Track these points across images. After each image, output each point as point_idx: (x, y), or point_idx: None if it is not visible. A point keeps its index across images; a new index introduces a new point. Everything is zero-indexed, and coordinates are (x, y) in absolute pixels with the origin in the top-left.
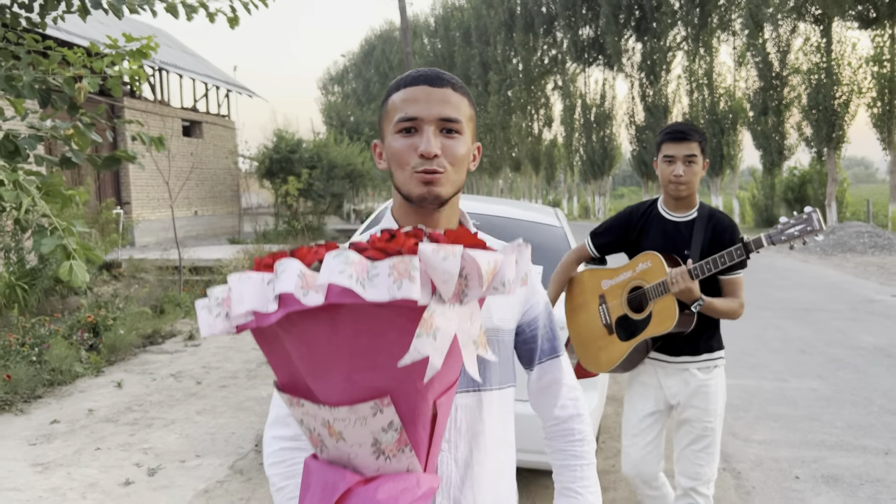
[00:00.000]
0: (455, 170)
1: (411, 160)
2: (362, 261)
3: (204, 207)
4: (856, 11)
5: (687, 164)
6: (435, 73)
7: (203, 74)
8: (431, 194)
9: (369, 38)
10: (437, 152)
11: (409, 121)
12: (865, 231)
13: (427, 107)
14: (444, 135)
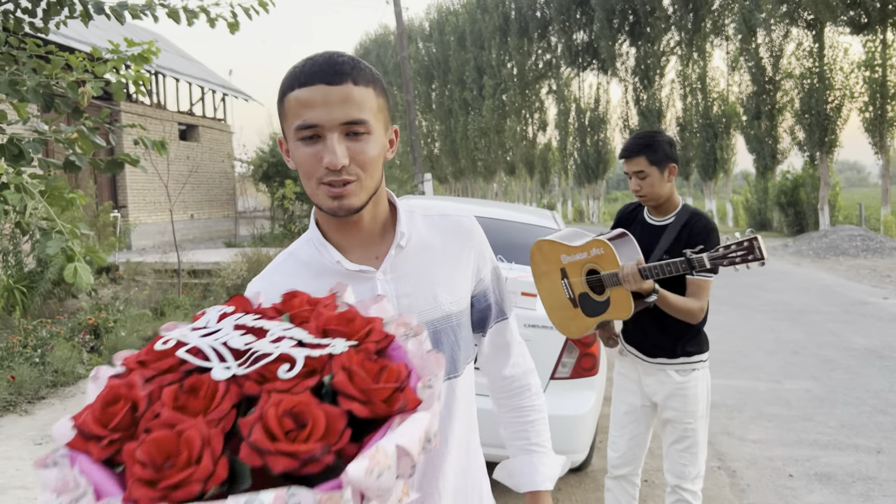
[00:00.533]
0: (368, 174)
1: (317, 171)
2: (277, 498)
3: (200, 211)
4: (847, 17)
5: (640, 179)
6: (331, 65)
7: (199, 78)
8: (343, 208)
9: (364, 42)
10: (343, 163)
11: (308, 128)
12: (858, 234)
13: (326, 111)
14: (350, 139)
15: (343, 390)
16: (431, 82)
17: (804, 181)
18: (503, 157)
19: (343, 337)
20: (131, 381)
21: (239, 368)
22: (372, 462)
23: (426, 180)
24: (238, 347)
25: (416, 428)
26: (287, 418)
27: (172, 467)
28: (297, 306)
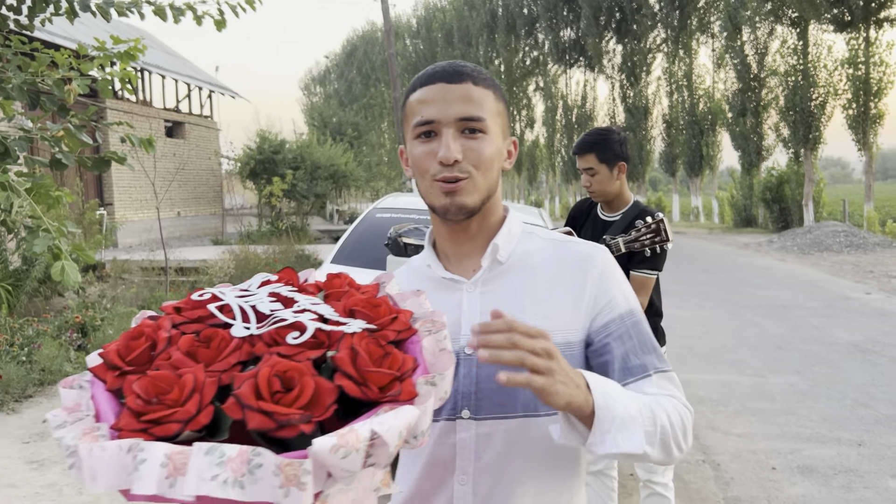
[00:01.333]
0: (482, 173)
1: (431, 167)
2: (241, 453)
3: (187, 208)
4: (831, 15)
5: (590, 175)
6: (453, 67)
7: (185, 75)
8: (454, 205)
9: (351, 38)
10: (457, 157)
11: (425, 124)
12: (841, 230)
13: (444, 107)
14: (465, 136)
15: (341, 367)
16: None
17: (789, 178)
18: None
19: (365, 320)
20: (160, 323)
21: (257, 331)
22: (340, 441)
23: None
24: (264, 312)
25: (399, 420)
26: (276, 379)
27: (159, 404)
28: (335, 286)
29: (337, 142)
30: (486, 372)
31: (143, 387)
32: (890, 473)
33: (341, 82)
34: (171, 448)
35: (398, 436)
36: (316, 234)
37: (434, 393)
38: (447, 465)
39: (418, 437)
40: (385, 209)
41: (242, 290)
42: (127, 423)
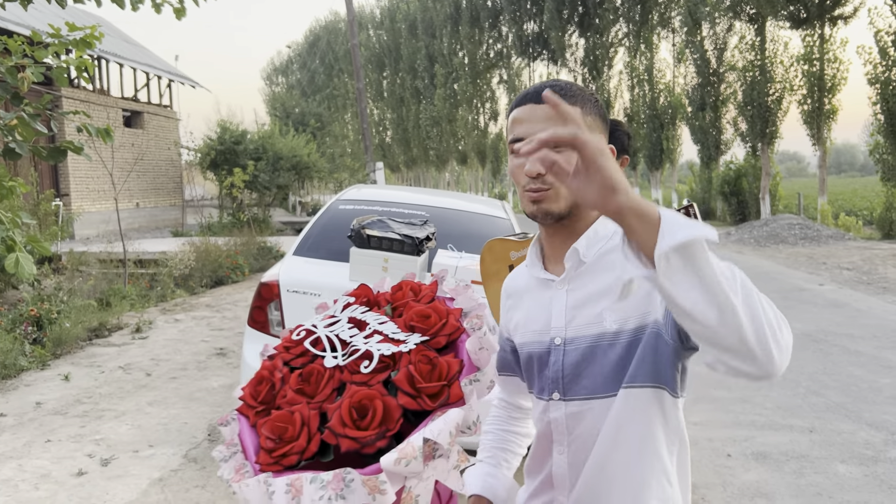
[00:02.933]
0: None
1: (521, 180)
2: (336, 476)
3: (146, 199)
4: (787, 11)
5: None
6: (541, 88)
7: (144, 64)
8: (540, 211)
9: (314, 28)
10: (539, 171)
11: (516, 142)
12: (797, 223)
13: (530, 126)
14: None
15: (400, 387)
16: (383, 70)
17: (746, 171)
18: (455, 147)
19: (420, 332)
20: (275, 363)
21: (342, 360)
22: (401, 454)
23: (378, 169)
24: (345, 339)
25: (447, 423)
26: (354, 409)
27: (281, 441)
28: (399, 298)
29: (299, 132)
30: (570, 360)
31: (269, 428)
32: (839, 459)
33: (304, 72)
34: (291, 477)
35: (448, 435)
36: (278, 226)
37: (476, 388)
38: (548, 437)
39: (471, 427)
40: (348, 201)
41: (330, 318)
42: (263, 459)
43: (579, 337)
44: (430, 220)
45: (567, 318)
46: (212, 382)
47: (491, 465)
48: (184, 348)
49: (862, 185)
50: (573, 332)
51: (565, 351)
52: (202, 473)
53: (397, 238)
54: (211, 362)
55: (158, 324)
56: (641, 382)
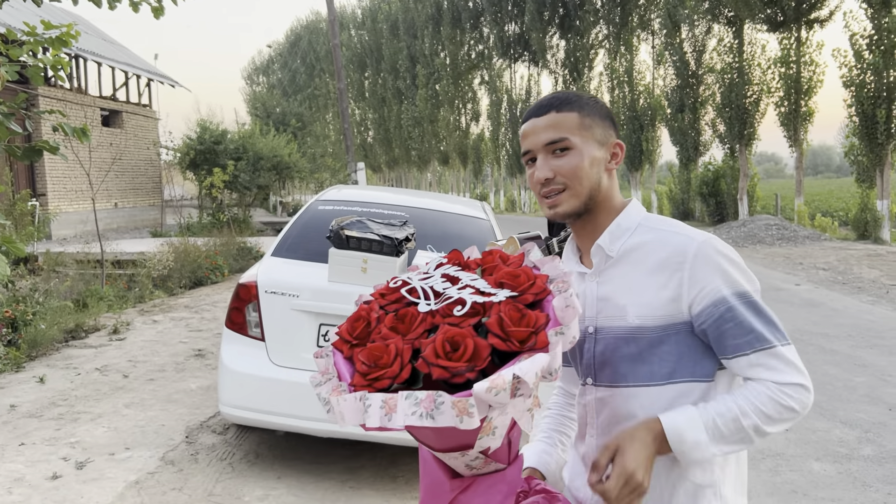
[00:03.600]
0: (575, 182)
1: (536, 187)
2: (428, 396)
3: (125, 199)
4: (765, 15)
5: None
6: (544, 102)
7: (123, 63)
8: (557, 214)
9: (295, 28)
10: (546, 176)
11: (526, 154)
12: (774, 224)
13: (534, 138)
14: (556, 155)
15: (491, 329)
16: (364, 70)
17: (725, 172)
18: (437, 147)
19: (509, 289)
20: (371, 306)
21: (434, 305)
22: (492, 384)
23: (359, 169)
24: (439, 290)
25: (534, 364)
26: (447, 343)
27: (375, 367)
28: (489, 262)
29: (280, 132)
30: (599, 348)
31: (365, 356)
32: (814, 457)
33: (285, 72)
34: (386, 396)
35: (534, 375)
36: (259, 226)
37: (562, 340)
38: (583, 420)
39: (552, 374)
40: (328, 201)
41: (423, 273)
42: (358, 381)
43: (605, 327)
44: (410, 220)
45: (597, 309)
46: (190, 384)
47: (547, 443)
48: (162, 350)
49: (838, 187)
50: (601, 323)
51: (596, 339)
52: (179, 476)
53: (376, 239)
54: (189, 364)
55: (136, 325)
56: (662, 380)
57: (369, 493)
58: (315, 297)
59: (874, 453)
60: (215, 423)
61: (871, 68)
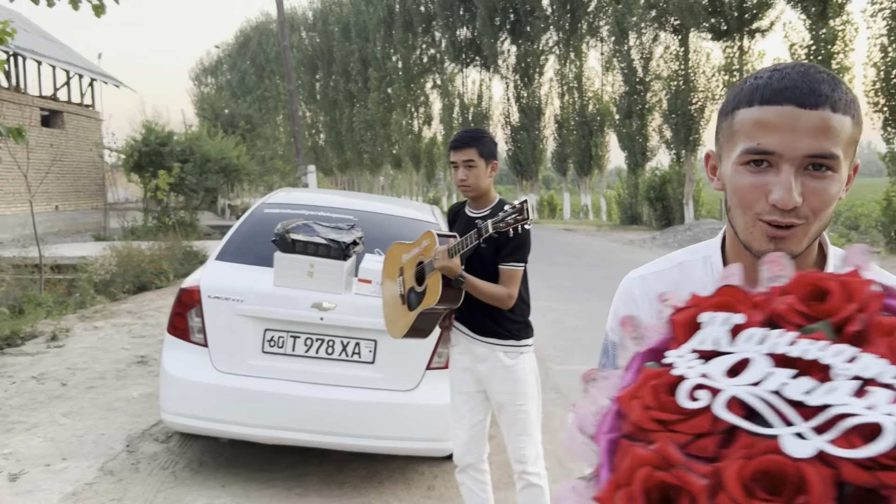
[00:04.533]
0: (819, 219)
1: (757, 205)
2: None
3: (66, 202)
4: (709, 24)
5: (468, 168)
6: (809, 83)
7: (64, 61)
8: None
9: (245, 29)
10: (796, 202)
11: (762, 154)
12: (718, 228)
13: (791, 139)
14: (809, 172)
15: None
16: (315, 72)
17: (671, 177)
18: (389, 151)
19: None
20: (668, 454)
21: (820, 439)
22: None
23: (310, 172)
24: (797, 398)
25: None
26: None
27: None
28: (835, 307)
29: (229, 134)
30: None
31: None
32: None
33: (234, 73)
34: None
35: None
36: (206, 230)
37: None
38: None
39: None
40: (274, 205)
41: (722, 355)
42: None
43: None
44: (358, 224)
45: None
46: (132, 391)
47: None
48: (103, 356)
49: None
50: None
51: None
52: (119, 486)
53: (323, 243)
54: (131, 371)
55: (76, 331)
56: None
57: (316, 499)
58: (260, 302)
59: None
60: (157, 431)
61: None
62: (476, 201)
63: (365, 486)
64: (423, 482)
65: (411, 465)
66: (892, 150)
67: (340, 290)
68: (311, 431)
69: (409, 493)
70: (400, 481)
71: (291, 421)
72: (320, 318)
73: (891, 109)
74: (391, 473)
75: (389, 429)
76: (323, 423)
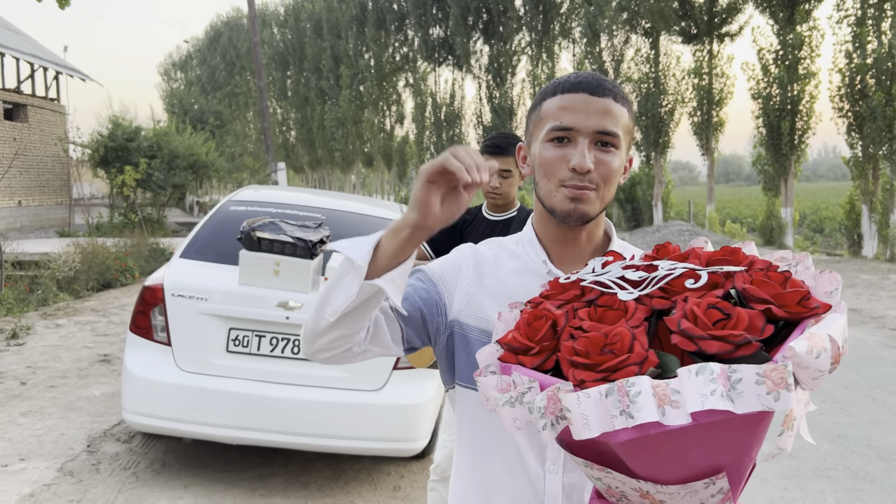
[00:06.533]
0: (606, 186)
1: (560, 172)
2: (722, 370)
3: (29, 197)
4: (679, 27)
5: (503, 178)
6: (597, 79)
7: (28, 54)
8: (577, 212)
9: (215, 24)
10: (590, 167)
11: (563, 130)
12: (686, 229)
13: (585, 117)
14: (598, 148)
15: (755, 295)
16: (287, 69)
17: (640, 179)
18: (361, 149)
19: (732, 266)
20: (545, 306)
21: (641, 292)
22: (811, 342)
23: (279, 169)
24: (633, 279)
25: (837, 325)
26: (713, 310)
27: (609, 354)
28: (671, 252)
29: (198, 130)
30: None
31: (585, 345)
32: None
33: (204, 68)
34: (654, 382)
35: (842, 338)
36: (174, 227)
37: (839, 303)
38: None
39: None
40: (241, 202)
41: (592, 273)
42: (587, 376)
43: None
44: (326, 222)
45: None
46: (93, 390)
47: None
48: (64, 355)
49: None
50: None
51: None
52: (79, 487)
53: (289, 241)
54: (94, 369)
55: (37, 329)
56: None
57: (280, 500)
58: (225, 301)
59: None
60: (119, 431)
61: (776, 82)
62: (499, 207)
63: (330, 487)
64: (390, 482)
65: (377, 466)
66: (856, 155)
67: (307, 290)
68: (276, 432)
69: (374, 493)
70: (366, 481)
71: (256, 421)
72: (286, 318)
73: (855, 115)
74: (357, 474)
75: (355, 429)
76: (288, 424)
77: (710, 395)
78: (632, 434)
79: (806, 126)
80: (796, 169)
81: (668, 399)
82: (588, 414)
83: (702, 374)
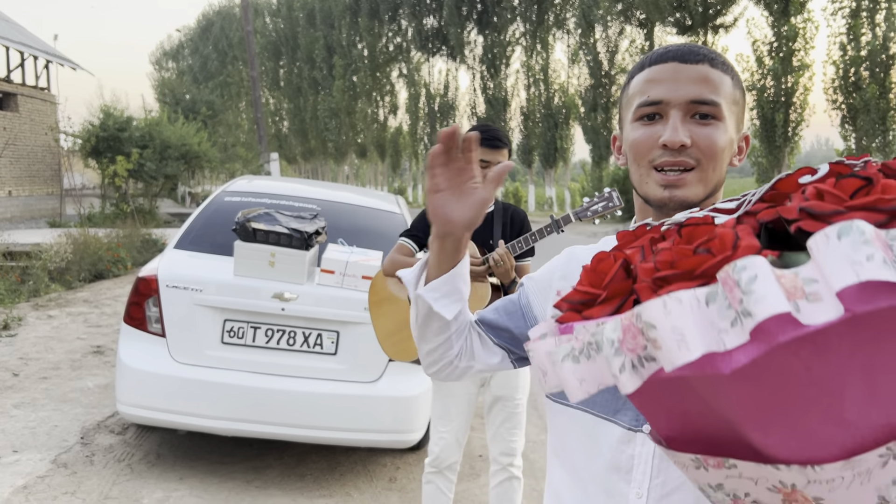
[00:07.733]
0: (711, 164)
1: (650, 153)
2: (877, 233)
3: (20, 187)
4: (674, 18)
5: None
6: (689, 46)
7: (18, 42)
8: (675, 199)
9: (207, 13)
10: (684, 141)
11: (651, 105)
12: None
13: (674, 87)
14: (695, 121)
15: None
16: (279, 59)
17: None
18: (354, 139)
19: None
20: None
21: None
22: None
23: (272, 160)
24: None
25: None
26: (847, 181)
27: (706, 254)
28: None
29: (190, 120)
30: None
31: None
32: None
33: (196, 58)
34: (772, 267)
35: None
36: (166, 218)
37: None
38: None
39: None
40: (235, 193)
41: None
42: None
43: None
44: (322, 213)
45: None
46: (87, 382)
47: None
48: (57, 346)
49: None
50: None
51: None
52: (73, 479)
53: (285, 232)
54: (87, 361)
55: (29, 320)
56: None
57: (276, 492)
58: (219, 292)
59: None
60: (113, 422)
61: (770, 73)
62: None
63: (326, 479)
64: (385, 474)
65: (373, 458)
66: (850, 147)
67: (302, 281)
68: (272, 423)
69: (370, 485)
70: (362, 473)
71: (251, 413)
72: (281, 309)
73: (848, 107)
74: (353, 465)
75: (351, 421)
76: (283, 415)
77: (867, 262)
78: (753, 352)
79: (800, 118)
80: (790, 161)
81: (801, 291)
82: (683, 326)
83: (847, 237)
